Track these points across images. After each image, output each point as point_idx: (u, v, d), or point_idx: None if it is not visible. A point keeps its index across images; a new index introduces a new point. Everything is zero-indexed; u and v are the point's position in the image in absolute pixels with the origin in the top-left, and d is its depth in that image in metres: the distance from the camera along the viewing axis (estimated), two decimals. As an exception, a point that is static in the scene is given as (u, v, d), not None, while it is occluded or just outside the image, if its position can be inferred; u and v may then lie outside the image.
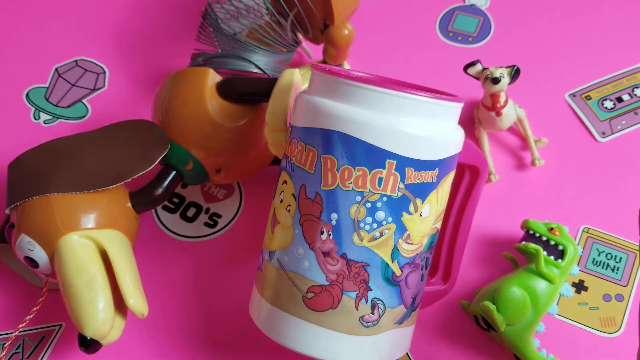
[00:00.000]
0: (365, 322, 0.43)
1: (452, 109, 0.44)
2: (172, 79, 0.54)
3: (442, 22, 0.70)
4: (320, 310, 0.43)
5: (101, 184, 0.50)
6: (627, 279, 0.55)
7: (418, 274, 0.45)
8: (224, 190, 0.61)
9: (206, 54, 0.61)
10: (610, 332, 0.53)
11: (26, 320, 0.52)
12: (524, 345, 0.49)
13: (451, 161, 0.44)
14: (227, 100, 0.53)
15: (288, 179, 0.45)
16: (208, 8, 0.63)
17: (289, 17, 0.60)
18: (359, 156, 0.41)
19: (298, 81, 0.50)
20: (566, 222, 0.57)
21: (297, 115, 0.45)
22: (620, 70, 0.65)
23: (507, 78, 0.57)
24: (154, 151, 0.52)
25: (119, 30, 0.70)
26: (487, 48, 0.68)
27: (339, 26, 0.59)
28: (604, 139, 0.62)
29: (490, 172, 0.59)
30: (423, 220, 0.43)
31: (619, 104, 0.63)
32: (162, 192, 0.53)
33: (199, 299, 0.55)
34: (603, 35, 0.68)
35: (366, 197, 0.42)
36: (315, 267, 0.43)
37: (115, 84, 0.67)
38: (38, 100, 0.66)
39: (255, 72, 0.60)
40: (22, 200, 0.50)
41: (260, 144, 0.54)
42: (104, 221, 0.50)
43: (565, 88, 0.65)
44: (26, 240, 0.49)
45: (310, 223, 0.43)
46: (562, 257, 0.51)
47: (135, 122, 0.54)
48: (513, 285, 0.50)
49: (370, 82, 0.41)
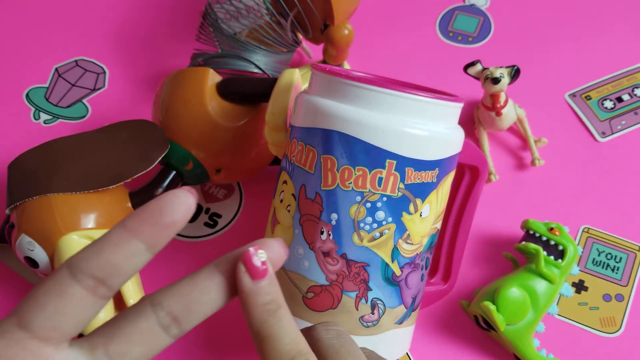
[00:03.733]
0: (365, 322, 0.43)
1: (452, 109, 0.44)
2: (172, 79, 0.54)
3: (442, 22, 0.70)
4: (320, 310, 0.43)
5: (101, 184, 0.50)
6: (627, 279, 0.55)
7: (418, 274, 0.45)
8: (224, 190, 0.61)
9: (206, 54, 0.61)
10: (610, 332, 0.53)
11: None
12: (524, 345, 0.49)
13: (451, 161, 0.44)
14: (227, 100, 0.53)
15: (288, 179, 0.45)
16: (208, 8, 0.63)
17: (289, 17, 0.59)
18: (359, 156, 0.41)
19: (298, 81, 0.50)
20: (566, 222, 0.57)
21: (297, 115, 0.45)
22: (620, 70, 0.65)
23: (507, 78, 0.57)
24: (154, 151, 0.52)
25: (119, 30, 0.70)
26: (487, 48, 0.68)
27: (339, 26, 0.59)
28: (604, 139, 0.62)
29: (490, 172, 0.59)
30: (423, 220, 0.43)
31: (619, 104, 0.63)
32: (162, 192, 0.53)
33: (199, 299, 0.55)
34: (603, 35, 0.68)
35: (366, 197, 0.42)
36: (315, 267, 0.43)
37: (115, 84, 0.67)
38: (38, 100, 0.66)
39: (255, 72, 0.60)
40: (22, 200, 0.50)
41: (260, 144, 0.54)
42: (104, 221, 0.50)
43: (565, 88, 0.65)
44: (26, 240, 0.49)
45: (310, 223, 0.43)
46: (562, 257, 0.51)
47: (135, 122, 0.54)
48: (513, 285, 0.50)
49: (370, 82, 0.41)
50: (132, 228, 0.27)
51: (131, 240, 0.27)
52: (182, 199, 0.27)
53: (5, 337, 0.27)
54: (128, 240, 0.27)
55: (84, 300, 0.27)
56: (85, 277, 0.27)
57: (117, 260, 0.27)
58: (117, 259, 0.27)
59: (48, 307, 0.27)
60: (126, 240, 0.27)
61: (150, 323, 0.28)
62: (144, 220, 0.27)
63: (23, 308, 0.27)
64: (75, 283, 0.27)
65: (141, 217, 0.27)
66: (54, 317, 0.27)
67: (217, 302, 0.30)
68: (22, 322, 0.27)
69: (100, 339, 0.28)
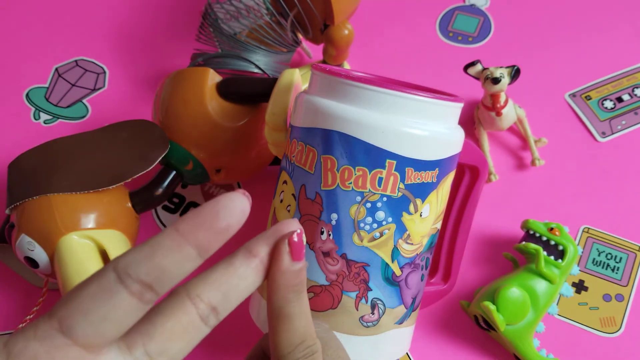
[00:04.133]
0: (365, 322, 0.43)
1: (452, 109, 0.44)
2: (172, 79, 0.54)
3: (442, 22, 0.70)
4: (320, 311, 0.43)
5: (101, 184, 0.50)
6: (627, 279, 0.55)
7: (418, 274, 0.45)
8: (224, 190, 0.61)
9: (206, 54, 0.61)
10: (610, 332, 0.53)
11: (26, 320, 0.52)
12: (524, 345, 0.49)
13: (451, 161, 0.44)
14: (227, 100, 0.53)
15: (288, 179, 0.45)
16: (208, 8, 0.63)
17: (289, 17, 0.59)
18: (359, 156, 0.41)
19: (298, 81, 0.50)
20: (566, 222, 0.57)
21: (297, 115, 0.45)
22: (620, 70, 0.65)
23: (507, 78, 0.57)
24: (154, 151, 0.52)
25: (119, 30, 0.70)
26: (487, 48, 0.68)
27: (339, 26, 0.59)
28: (604, 139, 0.62)
29: (490, 172, 0.59)
30: (423, 220, 0.43)
31: (619, 104, 0.63)
32: (162, 192, 0.53)
33: (199, 299, 0.55)
34: (603, 35, 0.68)
35: (366, 197, 0.42)
36: (315, 267, 0.43)
37: (115, 84, 0.67)
38: (38, 100, 0.66)
39: (255, 72, 0.60)
40: (22, 200, 0.50)
41: (260, 144, 0.54)
42: (104, 221, 0.50)
43: (565, 88, 0.65)
44: (26, 240, 0.49)
45: (310, 223, 0.43)
46: (562, 257, 0.51)
47: (135, 122, 0.54)
48: (513, 285, 0.50)
49: (370, 82, 0.41)
50: (185, 232, 0.26)
51: (184, 245, 0.26)
52: (237, 203, 0.26)
53: (46, 344, 0.25)
54: (180, 245, 0.26)
55: (130, 306, 0.26)
56: (134, 281, 0.26)
57: (168, 266, 0.26)
58: (168, 264, 0.26)
59: (93, 313, 0.25)
60: (178, 244, 0.26)
61: (191, 317, 0.27)
62: (197, 224, 0.26)
63: (64, 312, 0.26)
64: (123, 288, 0.25)
65: (195, 221, 0.26)
66: (99, 324, 0.25)
67: (254, 286, 0.29)
68: (63, 327, 0.25)
69: (139, 338, 0.27)
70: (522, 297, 0.49)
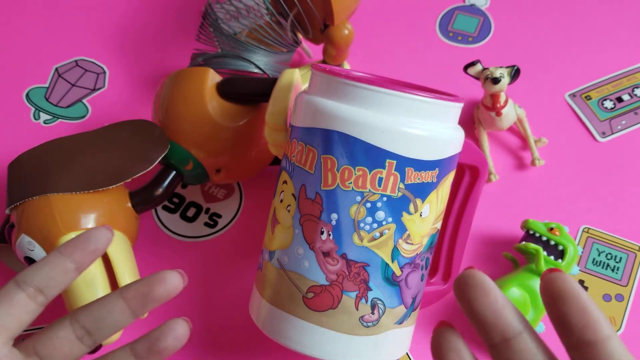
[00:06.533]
0: (365, 322, 0.43)
1: (452, 109, 0.44)
2: (172, 79, 0.54)
3: (442, 22, 0.70)
4: (320, 310, 0.43)
5: (101, 184, 0.50)
6: (627, 279, 0.55)
7: (418, 274, 0.45)
8: (224, 190, 0.61)
9: (206, 54, 0.61)
10: (610, 332, 0.53)
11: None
12: (524, 345, 0.49)
13: (451, 161, 0.44)
14: (227, 100, 0.53)
15: (288, 179, 0.45)
16: (208, 8, 0.63)
17: (289, 17, 0.60)
18: (359, 156, 0.41)
19: (298, 81, 0.50)
20: (566, 222, 0.57)
21: (297, 115, 0.45)
22: (620, 70, 0.65)
23: (507, 78, 0.57)
24: (154, 151, 0.52)
25: (119, 30, 0.70)
26: (487, 48, 0.68)
27: (339, 26, 0.59)
28: (604, 139, 0.62)
29: (490, 172, 0.59)
30: (423, 220, 0.43)
31: (619, 104, 0.63)
32: (162, 192, 0.53)
33: (198, 298, 0.55)
34: (603, 35, 0.68)
35: (366, 197, 0.42)
36: (315, 267, 0.43)
37: (115, 84, 0.67)
38: (38, 100, 0.66)
39: (255, 72, 0.60)
40: (22, 200, 0.50)
41: (260, 144, 0.54)
42: (104, 221, 0.50)
43: (565, 88, 0.65)
44: (26, 240, 0.49)
45: (310, 223, 0.43)
46: (562, 257, 0.51)
47: (135, 122, 0.54)
48: (513, 285, 0.50)
49: (370, 82, 0.41)
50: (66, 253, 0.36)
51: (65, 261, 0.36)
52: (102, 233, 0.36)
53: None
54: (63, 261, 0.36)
55: (27, 305, 0.35)
56: (29, 286, 0.35)
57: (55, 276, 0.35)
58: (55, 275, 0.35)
59: None
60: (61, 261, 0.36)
61: (66, 332, 0.36)
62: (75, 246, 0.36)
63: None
64: (20, 291, 0.35)
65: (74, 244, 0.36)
66: (3, 317, 0.34)
67: (122, 322, 0.36)
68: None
69: (31, 343, 0.35)
70: (522, 297, 0.49)
